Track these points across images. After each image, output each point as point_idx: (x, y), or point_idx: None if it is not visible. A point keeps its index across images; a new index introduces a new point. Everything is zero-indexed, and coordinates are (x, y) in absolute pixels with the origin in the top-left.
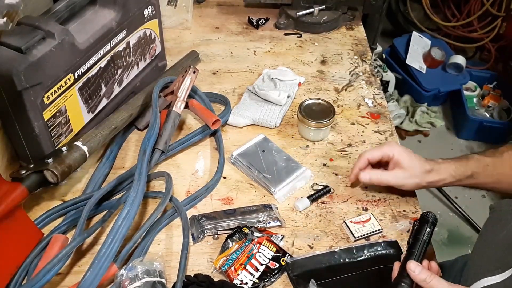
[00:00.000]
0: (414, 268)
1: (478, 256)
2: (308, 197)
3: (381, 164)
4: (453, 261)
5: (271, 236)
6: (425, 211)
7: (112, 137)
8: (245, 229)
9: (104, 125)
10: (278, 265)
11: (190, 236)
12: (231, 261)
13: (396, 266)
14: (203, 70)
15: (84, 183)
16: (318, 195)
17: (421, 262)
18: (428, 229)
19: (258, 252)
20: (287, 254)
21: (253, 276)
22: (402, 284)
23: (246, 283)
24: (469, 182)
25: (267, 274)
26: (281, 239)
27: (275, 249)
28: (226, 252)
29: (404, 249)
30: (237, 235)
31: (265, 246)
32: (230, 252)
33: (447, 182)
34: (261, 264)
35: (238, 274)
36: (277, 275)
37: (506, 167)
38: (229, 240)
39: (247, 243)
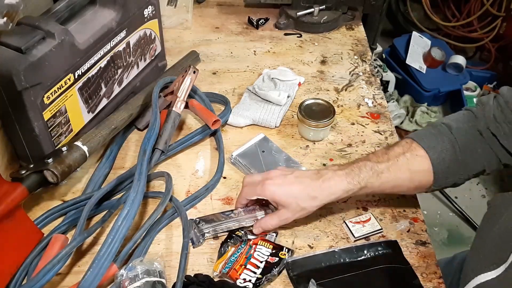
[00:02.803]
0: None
1: (475, 252)
2: None
3: None
4: (451, 258)
5: (265, 235)
6: None
7: (112, 137)
8: (238, 233)
9: (104, 125)
10: (277, 258)
11: (190, 240)
12: (230, 264)
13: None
14: (203, 70)
15: (84, 183)
16: None
17: None
18: None
19: (256, 251)
20: (284, 247)
21: (255, 273)
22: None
23: (250, 280)
24: (365, 191)
25: (269, 268)
26: (276, 236)
27: (272, 246)
28: (223, 257)
29: (404, 249)
30: (232, 240)
31: (262, 245)
32: (228, 256)
33: (340, 198)
34: (261, 261)
35: (240, 274)
36: (278, 268)
37: (403, 172)
38: (224, 246)
39: (243, 246)
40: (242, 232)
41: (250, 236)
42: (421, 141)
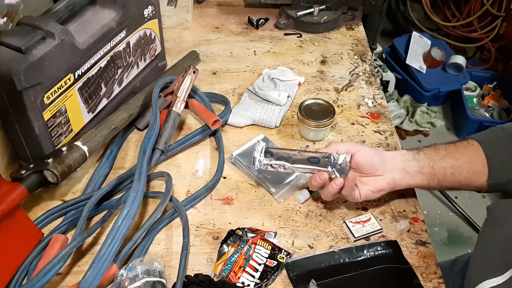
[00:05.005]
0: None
1: (478, 258)
2: (307, 188)
3: None
4: (452, 262)
5: (264, 234)
6: None
7: (112, 137)
8: (238, 231)
9: (104, 125)
10: (276, 262)
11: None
12: (229, 265)
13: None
14: (203, 70)
15: (84, 183)
16: None
17: None
18: None
19: (255, 252)
20: (283, 250)
21: (254, 277)
22: None
23: (248, 285)
24: (426, 170)
25: (267, 273)
26: (274, 236)
27: (270, 247)
28: (223, 258)
29: (404, 249)
30: (231, 238)
31: (260, 245)
32: (227, 256)
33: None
34: (259, 264)
35: (239, 278)
36: (276, 272)
37: (461, 154)
38: (224, 245)
39: (242, 245)
40: (242, 231)
41: (249, 235)
42: (475, 137)
